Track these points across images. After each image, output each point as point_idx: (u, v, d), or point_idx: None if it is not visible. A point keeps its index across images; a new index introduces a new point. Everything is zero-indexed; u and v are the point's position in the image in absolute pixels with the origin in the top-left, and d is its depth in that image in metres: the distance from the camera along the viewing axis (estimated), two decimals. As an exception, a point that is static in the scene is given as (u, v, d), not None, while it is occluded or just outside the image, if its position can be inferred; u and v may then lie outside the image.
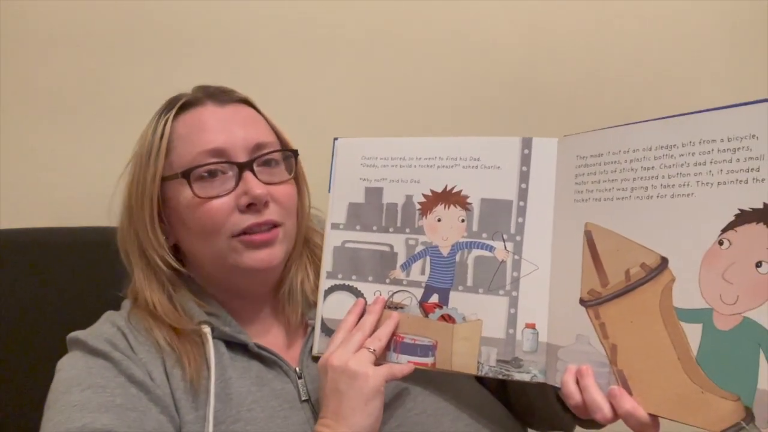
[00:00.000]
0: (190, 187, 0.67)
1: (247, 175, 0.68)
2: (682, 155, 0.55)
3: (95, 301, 0.81)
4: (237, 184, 0.67)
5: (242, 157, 0.68)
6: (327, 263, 0.73)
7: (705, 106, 0.55)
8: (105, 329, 0.69)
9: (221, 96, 0.72)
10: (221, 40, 0.98)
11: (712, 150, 0.53)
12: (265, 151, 0.70)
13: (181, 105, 0.71)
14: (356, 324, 0.69)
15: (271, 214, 0.69)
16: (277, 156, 0.72)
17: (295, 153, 0.74)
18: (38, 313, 0.86)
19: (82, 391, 0.61)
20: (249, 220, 0.68)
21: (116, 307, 0.74)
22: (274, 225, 0.69)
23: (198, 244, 0.70)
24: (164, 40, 0.97)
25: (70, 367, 0.65)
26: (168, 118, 0.70)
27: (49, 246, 0.88)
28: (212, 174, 0.68)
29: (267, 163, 0.71)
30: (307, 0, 0.99)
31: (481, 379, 0.74)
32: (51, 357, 0.80)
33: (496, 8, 1.01)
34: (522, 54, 1.02)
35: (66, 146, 0.96)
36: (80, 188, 0.97)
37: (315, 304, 0.73)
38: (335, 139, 0.74)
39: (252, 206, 0.68)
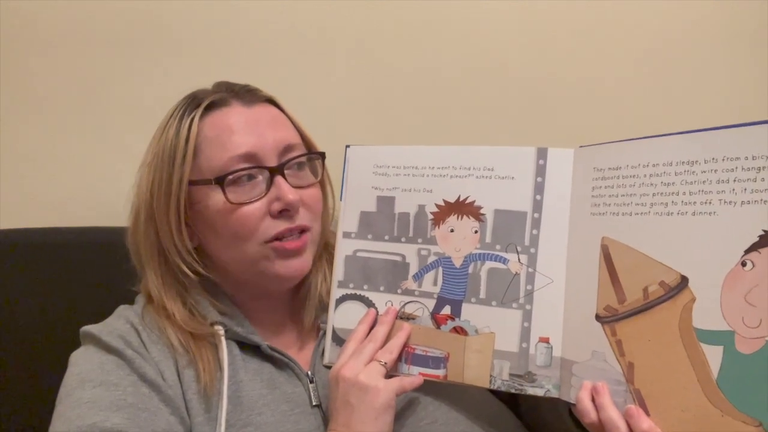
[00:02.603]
0: (224, 193, 0.66)
1: (279, 180, 0.67)
2: (705, 172, 0.53)
3: (95, 301, 0.80)
4: (268, 189, 0.67)
5: (272, 161, 0.67)
6: (338, 272, 0.72)
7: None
8: (118, 325, 0.68)
9: (247, 96, 0.71)
10: (225, 42, 0.97)
11: (736, 168, 0.51)
12: (294, 154, 0.69)
13: (207, 105, 0.68)
14: (367, 334, 0.68)
15: (301, 219, 0.68)
16: (304, 159, 0.71)
17: (323, 155, 0.73)
18: (38, 313, 0.85)
19: (93, 388, 0.61)
20: (281, 225, 0.67)
21: (116, 307, 0.73)
22: (303, 230, 0.69)
23: (226, 249, 0.69)
24: (166, 42, 0.95)
25: (83, 362, 0.65)
26: (193, 118, 0.67)
27: (49, 246, 0.88)
28: (246, 179, 0.66)
29: (296, 166, 0.70)
30: (317, 3, 0.97)
31: (493, 390, 0.73)
32: (51, 356, 0.80)
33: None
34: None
35: (66, 146, 0.95)
36: (80, 188, 0.96)
37: (328, 307, 0.73)
38: (347, 146, 0.73)
39: (284, 212, 0.67)
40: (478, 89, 1.01)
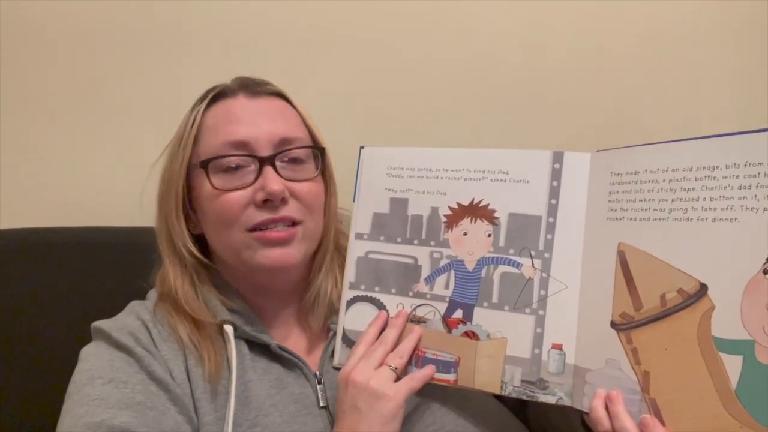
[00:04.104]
0: (208, 178, 0.67)
1: (267, 170, 0.67)
2: (726, 178, 0.52)
3: (95, 301, 0.82)
4: (256, 179, 0.67)
5: (266, 152, 0.67)
6: (350, 274, 0.72)
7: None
8: (129, 321, 0.68)
9: (254, 87, 0.71)
10: (227, 42, 0.96)
11: (758, 174, 0.50)
12: (290, 146, 0.69)
13: (214, 96, 0.71)
14: (378, 337, 0.67)
15: (289, 210, 0.67)
16: (303, 153, 0.70)
17: (322, 150, 0.72)
18: (38, 314, 0.86)
19: (103, 385, 0.61)
20: (263, 215, 0.67)
21: (117, 307, 0.73)
22: (293, 222, 0.68)
23: (215, 235, 0.69)
24: (166, 41, 0.96)
25: (93, 358, 0.65)
26: (200, 108, 0.70)
27: (49, 246, 0.88)
28: (234, 167, 0.67)
29: (293, 160, 0.69)
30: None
31: (500, 397, 0.72)
32: (51, 356, 0.81)
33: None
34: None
35: (67, 146, 0.96)
36: (80, 188, 0.96)
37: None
38: (361, 147, 0.73)
39: (268, 202, 0.66)
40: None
